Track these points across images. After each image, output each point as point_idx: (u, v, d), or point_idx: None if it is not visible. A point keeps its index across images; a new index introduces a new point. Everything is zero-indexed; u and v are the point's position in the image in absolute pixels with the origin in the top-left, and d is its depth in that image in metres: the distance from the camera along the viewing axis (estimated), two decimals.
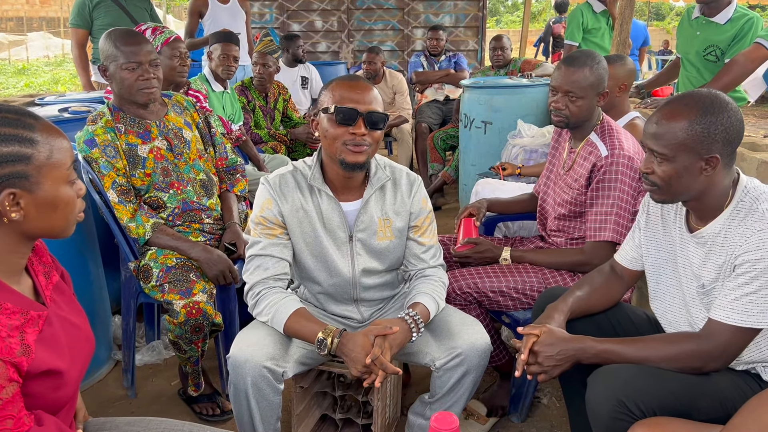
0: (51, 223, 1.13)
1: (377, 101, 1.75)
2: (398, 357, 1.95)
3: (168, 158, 2.32)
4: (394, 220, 1.89)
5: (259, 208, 1.84)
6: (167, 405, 2.41)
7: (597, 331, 1.70)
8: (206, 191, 2.42)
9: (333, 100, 1.73)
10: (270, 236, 1.83)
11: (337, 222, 1.85)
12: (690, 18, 3.32)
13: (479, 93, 4.04)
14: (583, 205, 2.18)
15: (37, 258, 1.24)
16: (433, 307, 1.84)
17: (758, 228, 1.40)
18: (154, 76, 2.22)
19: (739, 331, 1.42)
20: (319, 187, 1.82)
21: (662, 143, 1.46)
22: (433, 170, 5.01)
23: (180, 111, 2.45)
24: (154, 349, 2.74)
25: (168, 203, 2.32)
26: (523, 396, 2.27)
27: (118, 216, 2.22)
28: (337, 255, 1.87)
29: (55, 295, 1.23)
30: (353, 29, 7.64)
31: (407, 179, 1.92)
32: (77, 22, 3.92)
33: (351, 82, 1.76)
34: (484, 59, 7.63)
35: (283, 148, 4.16)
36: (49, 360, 1.09)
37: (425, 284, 1.90)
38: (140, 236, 2.22)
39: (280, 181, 1.84)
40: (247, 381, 1.68)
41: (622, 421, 1.42)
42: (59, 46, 18.91)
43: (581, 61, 2.14)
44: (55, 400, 1.13)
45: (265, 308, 1.79)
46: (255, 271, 1.83)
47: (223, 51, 3.56)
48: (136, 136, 2.28)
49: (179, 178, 2.34)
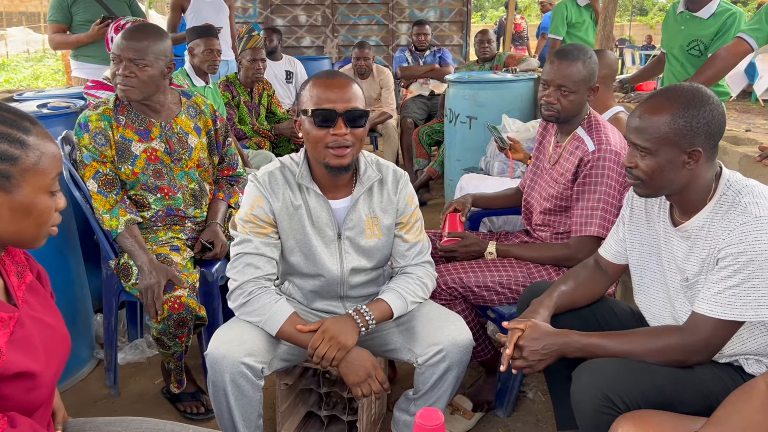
0: (20, 229, 1.10)
1: (357, 97, 1.72)
2: (381, 354, 1.95)
3: (164, 161, 2.27)
4: (382, 217, 1.88)
5: (249, 205, 1.81)
6: (151, 404, 2.39)
7: (581, 325, 1.71)
8: (195, 201, 2.37)
9: (311, 100, 1.70)
10: (260, 234, 1.80)
11: (326, 220, 1.83)
12: (675, 13, 3.34)
13: (464, 88, 4.04)
14: (568, 200, 2.18)
15: (9, 258, 1.22)
16: (399, 304, 1.81)
17: (741, 221, 1.40)
18: (131, 75, 2.13)
19: (722, 324, 1.43)
20: (307, 185, 1.80)
21: (645, 137, 1.46)
22: (419, 166, 5.00)
23: (194, 114, 2.36)
24: (136, 348, 2.71)
25: (153, 205, 2.29)
26: (509, 391, 2.28)
27: (95, 206, 2.18)
28: (326, 253, 1.85)
29: (28, 295, 1.20)
30: (337, 24, 7.60)
31: (394, 176, 1.90)
32: (56, 17, 3.85)
33: (327, 80, 1.72)
34: (469, 54, 7.64)
35: (268, 144, 4.13)
36: (21, 362, 1.07)
37: (398, 281, 1.88)
38: (112, 229, 2.18)
39: (270, 179, 1.81)
40: (226, 378, 1.67)
41: (606, 414, 1.43)
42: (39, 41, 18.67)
43: (574, 55, 2.13)
44: (29, 402, 1.11)
45: (258, 309, 1.76)
46: (245, 269, 1.79)
47: (206, 46, 3.51)
48: (134, 132, 2.23)
49: (171, 183, 2.29)
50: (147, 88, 2.17)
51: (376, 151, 6.34)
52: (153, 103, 2.24)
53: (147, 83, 2.16)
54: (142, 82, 2.15)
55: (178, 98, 2.36)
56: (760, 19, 2.70)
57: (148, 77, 2.15)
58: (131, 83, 2.14)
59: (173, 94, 2.36)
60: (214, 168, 2.49)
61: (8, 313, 1.11)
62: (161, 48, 2.18)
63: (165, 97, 2.28)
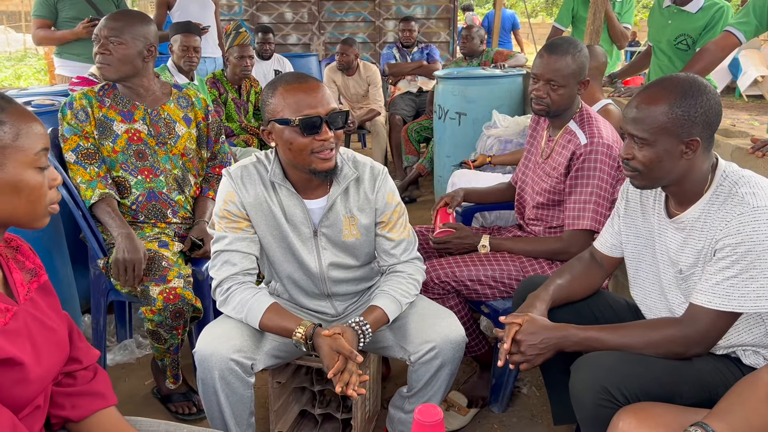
0: (14, 208, 1.09)
1: (331, 97, 1.68)
2: (374, 351, 1.93)
3: (148, 142, 2.28)
4: (359, 217, 1.83)
5: (222, 201, 1.78)
6: (141, 404, 2.36)
7: (578, 318, 1.70)
8: (178, 186, 2.35)
9: (290, 109, 1.64)
10: (235, 230, 1.78)
11: (300, 218, 1.79)
12: (661, 7, 3.35)
13: (453, 84, 4.03)
14: (561, 194, 2.17)
15: (20, 254, 1.21)
16: (393, 308, 1.79)
17: (738, 212, 1.40)
18: (105, 52, 2.16)
19: (720, 316, 1.43)
20: (279, 183, 1.77)
21: (642, 127, 1.45)
22: (408, 162, 4.99)
23: (185, 105, 2.38)
24: (126, 348, 2.68)
25: (134, 189, 2.27)
26: (504, 386, 2.27)
27: (72, 176, 2.19)
28: (303, 249, 1.82)
29: (36, 295, 1.19)
30: (324, 21, 7.56)
31: (371, 173, 1.85)
32: (41, 12, 3.78)
33: (301, 85, 1.66)
34: (456, 51, 7.63)
35: (256, 141, 4.09)
36: (10, 350, 1.06)
37: (390, 283, 1.85)
38: (86, 198, 2.18)
39: (242, 173, 1.78)
40: (215, 375, 1.65)
41: (605, 407, 1.42)
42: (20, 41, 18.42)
43: (563, 49, 2.11)
44: (16, 395, 1.09)
45: (237, 306, 1.74)
46: (222, 266, 1.77)
47: (183, 42, 3.48)
48: (117, 113, 2.26)
49: (154, 165, 2.29)
50: (122, 66, 2.19)
51: (364, 148, 6.33)
52: (135, 86, 2.28)
53: (122, 61, 2.19)
54: (116, 60, 2.18)
55: (169, 89, 2.38)
56: (747, 12, 2.71)
57: (122, 55, 2.17)
58: (106, 60, 2.18)
59: (164, 85, 2.38)
60: (203, 163, 2.47)
61: (6, 305, 1.10)
62: (139, 30, 2.20)
63: (149, 82, 2.30)
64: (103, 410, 1.29)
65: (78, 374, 1.29)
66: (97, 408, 1.29)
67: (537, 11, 22.11)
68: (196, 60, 3.54)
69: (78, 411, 1.26)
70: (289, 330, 1.68)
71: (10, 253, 1.20)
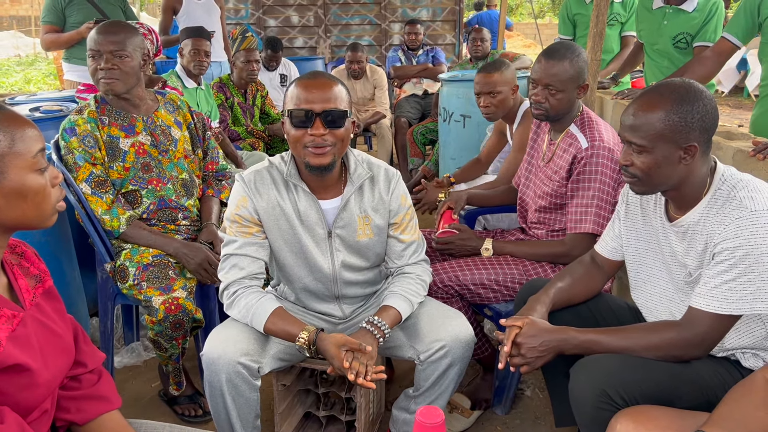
0: (22, 213, 1.11)
1: (337, 98, 1.70)
2: (382, 352, 1.94)
3: (151, 154, 2.29)
4: (373, 217, 1.87)
5: (234, 205, 1.81)
6: (148, 407, 2.38)
7: (578, 321, 1.71)
8: (187, 191, 2.38)
9: (291, 101, 1.71)
10: (245, 234, 1.80)
11: (315, 219, 1.82)
12: (650, 9, 3.33)
13: (458, 87, 4.04)
14: (563, 197, 2.18)
15: (24, 260, 1.23)
16: (405, 306, 1.82)
17: (736, 216, 1.41)
18: (113, 67, 2.14)
19: (719, 319, 1.43)
20: (295, 183, 1.80)
21: (640, 134, 1.46)
22: (413, 165, 5.00)
23: (172, 109, 2.40)
24: (133, 351, 2.70)
25: (145, 198, 2.29)
26: (507, 388, 2.28)
27: (93, 208, 2.18)
28: (317, 251, 1.84)
29: (42, 300, 1.21)
30: (330, 24, 7.59)
31: (385, 175, 1.89)
32: (50, 18, 3.83)
33: (308, 81, 1.72)
34: (462, 53, 7.64)
35: (262, 145, 4.12)
36: (19, 356, 1.08)
37: (400, 283, 1.88)
38: (114, 229, 2.19)
39: (255, 178, 1.81)
40: (222, 378, 1.67)
41: (605, 410, 1.43)
42: (30, 45, 18.55)
43: (561, 54, 2.12)
44: (24, 399, 1.11)
45: (243, 309, 1.76)
46: (230, 270, 1.80)
47: (194, 46, 3.51)
48: (120, 129, 2.24)
49: (161, 174, 2.31)
50: (129, 79, 2.20)
51: (370, 150, 6.34)
52: (132, 98, 2.27)
53: (129, 74, 2.19)
54: (125, 74, 2.17)
55: (154, 96, 2.40)
56: (738, 14, 2.74)
57: (130, 68, 2.18)
58: (115, 75, 2.16)
59: (149, 92, 2.40)
60: (200, 162, 2.51)
61: (12, 311, 1.11)
62: (137, 41, 2.22)
63: (142, 91, 2.31)
64: (107, 413, 1.31)
65: (83, 378, 1.31)
66: (102, 411, 1.30)
67: (544, 12, 22.07)
68: (206, 64, 3.57)
69: (83, 414, 1.28)
70: (293, 335, 1.70)
71: (14, 259, 1.21)
